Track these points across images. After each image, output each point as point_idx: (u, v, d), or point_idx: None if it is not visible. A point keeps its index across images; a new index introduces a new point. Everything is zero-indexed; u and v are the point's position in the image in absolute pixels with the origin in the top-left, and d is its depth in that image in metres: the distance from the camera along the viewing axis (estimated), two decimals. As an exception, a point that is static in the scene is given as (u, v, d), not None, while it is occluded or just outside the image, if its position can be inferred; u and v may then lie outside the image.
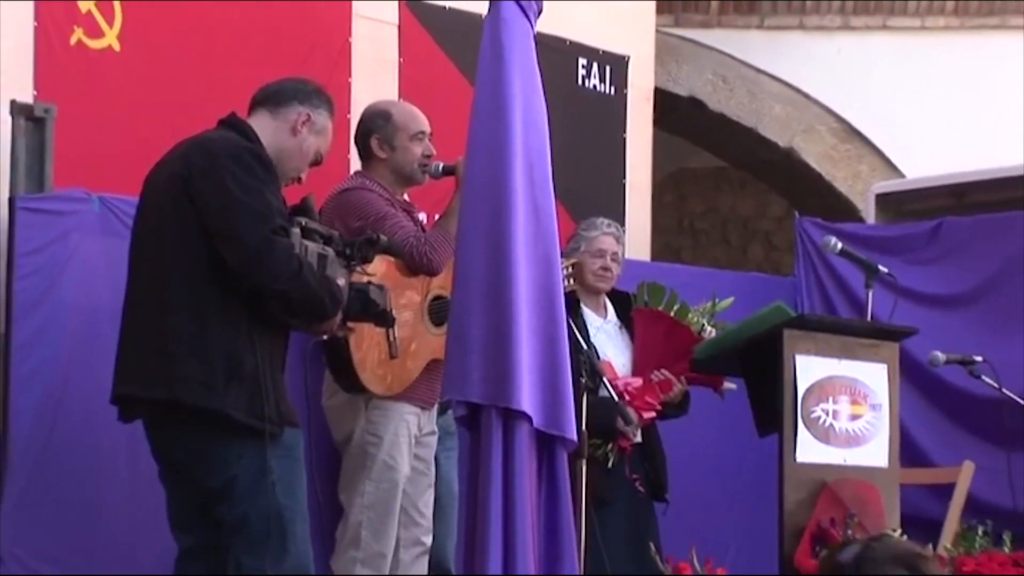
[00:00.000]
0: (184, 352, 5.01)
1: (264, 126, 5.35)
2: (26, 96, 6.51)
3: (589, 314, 7.03)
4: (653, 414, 6.83)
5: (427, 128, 6.37)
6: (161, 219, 5.15)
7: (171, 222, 5.11)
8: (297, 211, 5.32)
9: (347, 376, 6.06)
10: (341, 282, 5.27)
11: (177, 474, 5.23)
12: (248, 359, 5.03)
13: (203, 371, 5.00)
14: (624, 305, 7.15)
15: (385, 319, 5.70)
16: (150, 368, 5.05)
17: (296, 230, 5.15)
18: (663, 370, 6.89)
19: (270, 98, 5.45)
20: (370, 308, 5.50)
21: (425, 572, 6.31)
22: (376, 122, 6.37)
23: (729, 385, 6.90)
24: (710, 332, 6.93)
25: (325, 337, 5.83)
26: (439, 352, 5.81)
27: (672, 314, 7.01)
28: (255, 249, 5.02)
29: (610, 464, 6.74)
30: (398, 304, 5.78)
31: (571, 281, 6.81)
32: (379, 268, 5.85)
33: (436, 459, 6.38)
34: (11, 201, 6.29)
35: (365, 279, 5.60)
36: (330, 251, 5.25)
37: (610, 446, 6.72)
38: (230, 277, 5.05)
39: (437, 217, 6.53)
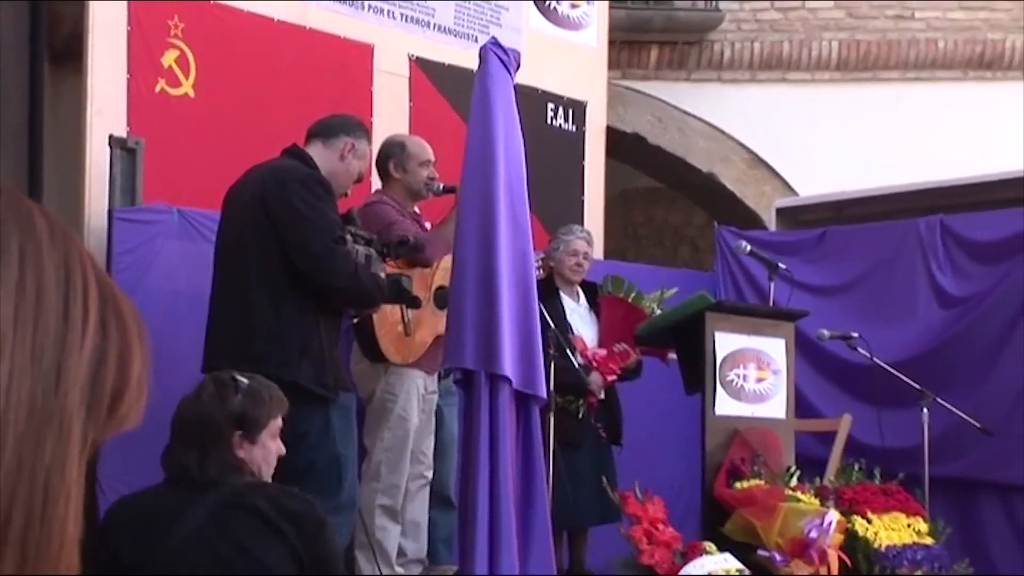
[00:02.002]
0: (266, 336, 5.06)
1: (318, 154, 5.39)
2: (121, 131, 6.51)
3: (566, 299, 7.09)
4: (614, 377, 6.91)
5: (432, 156, 6.37)
6: (243, 231, 5.18)
7: (251, 233, 5.13)
8: (345, 220, 5.36)
9: (372, 348, 6.07)
10: (382, 275, 5.32)
11: None
12: (314, 340, 5.07)
13: (281, 351, 5.04)
14: (592, 292, 7.23)
15: (414, 302, 5.75)
16: (238, 348, 5.07)
17: (348, 237, 5.19)
18: (622, 343, 6.94)
19: (323, 131, 5.50)
20: (403, 295, 5.57)
21: (427, 500, 6.31)
22: (393, 150, 6.38)
23: (672, 356, 6.93)
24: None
25: (356, 320, 5.85)
26: (442, 329, 5.83)
27: (630, 300, 7.07)
28: (320, 256, 5.06)
29: (580, 415, 6.80)
30: None
31: (541, 272, 6.88)
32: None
33: (440, 411, 6.38)
34: (110, 212, 6.31)
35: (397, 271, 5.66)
36: (373, 251, 5.30)
37: (581, 401, 6.78)
38: (299, 276, 5.08)
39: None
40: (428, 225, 6.63)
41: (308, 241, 5.07)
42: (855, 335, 7.38)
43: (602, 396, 6.90)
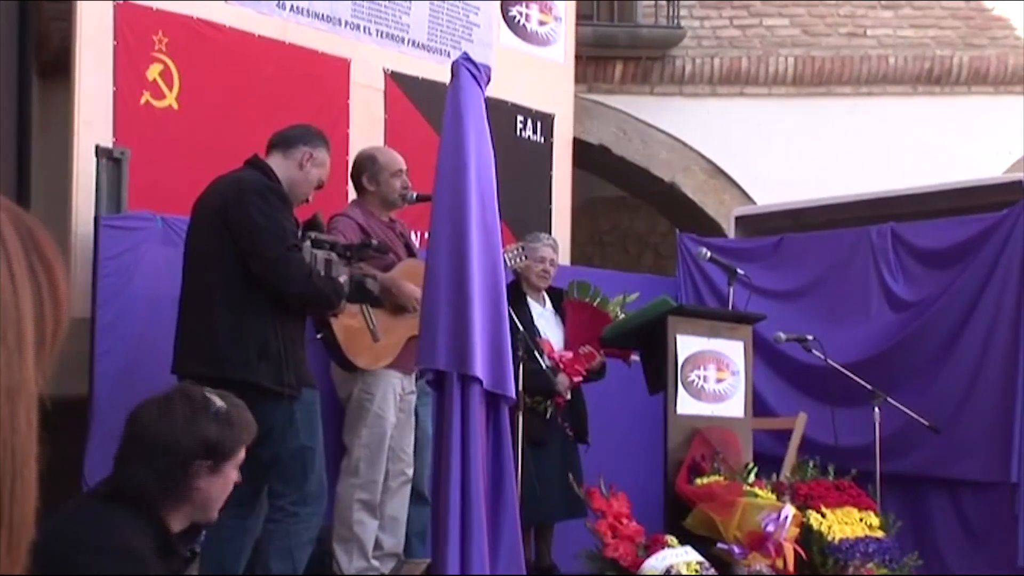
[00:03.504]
0: (226, 339, 5.07)
1: (278, 164, 5.38)
2: (107, 142, 6.48)
3: (533, 304, 7.09)
4: (580, 378, 6.90)
5: (404, 166, 6.36)
6: (205, 239, 5.20)
7: (212, 242, 5.14)
8: (309, 225, 5.36)
9: (341, 360, 6.04)
10: (343, 278, 5.31)
11: None
12: (273, 342, 5.08)
13: (240, 354, 5.06)
14: (558, 298, 7.23)
15: (376, 301, 5.75)
16: (201, 352, 5.10)
17: (307, 244, 5.21)
18: (587, 346, 6.95)
19: (282, 142, 5.50)
20: (366, 295, 5.58)
21: (407, 497, 6.29)
22: (365, 164, 6.37)
23: (634, 357, 6.94)
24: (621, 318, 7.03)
25: (320, 336, 5.85)
26: (413, 329, 5.83)
27: (595, 304, 7.07)
28: (274, 263, 5.07)
29: (548, 415, 6.80)
30: None
31: (523, 258, 6.87)
32: None
33: (416, 411, 6.38)
34: (96, 220, 6.28)
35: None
36: (334, 255, 5.29)
37: (548, 402, 6.78)
38: (257, 282, 5.08)
39: (421, 233, 6.52)
40: (404, 232, 6.63)
41: (263, 248, 5.09)
42: (810, 337, 7.40)
43: (569, 396, 6.90)
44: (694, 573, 5.64)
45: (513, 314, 5.79)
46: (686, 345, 6.50)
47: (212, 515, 3.31)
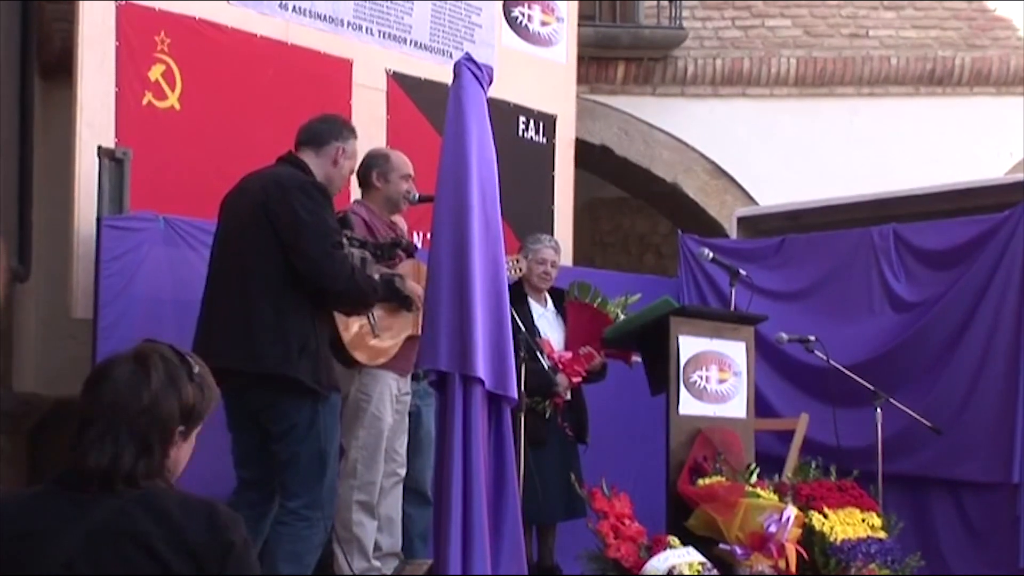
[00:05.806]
0: (267, 334, 5.04)
1: (312, 161, 5.41)
2: (109, 142, 6.48)
3: (534, 305, 7.09)
4: (579, 379, 6.90)
5: (412, 171, 6.34)
6: (244, 235, 5.16)
7: (253, 237, 5.12)
8: (339, 224, 5.37)
9: (341, 354, 6.03)
10: (376, 276, 5.33)
11: (251, 421, 5.23)
12: (312, 338, 5.09)
13: (282, 349, 5.04)
14: (559, 298, 7.22)
15: (406, 301, 5.76)
16: (239, 346, 5.05)
17: (345, 241, 5.20)
18: (588, 347, 6.94)
19: (313, 140, 5.50)
20: (395, 294, 5.60)
21: (400, 496, 6.27)
22: (377, 160, 6.35)
23: (636, 359, 6.93)
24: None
25: None
26: (414, 328, 5.82)
27: (595, 305, 7.07)
28: (318, 261, 5.06)
29: (547, 415, 6.80)
30: None
31: (520, 270, 6.88)
32: None
33: (418, 411, 6.36)
34: (98, 220, 6.27)
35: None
36: (367, 253, 5.31)
37: (547, 402, 6.78)
38: (298, 277, 5.07)
39: (423, 234, 6.51)
40: (405, 227, 6.62)
41: (308, 246, 5.07)
42: (812, 338, 7.39)
43: (568, 397, 6.90)
44: (696, 574, 5.64)
45: (513, 314, 5.79)
46: (688, 346, 6.49)
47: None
